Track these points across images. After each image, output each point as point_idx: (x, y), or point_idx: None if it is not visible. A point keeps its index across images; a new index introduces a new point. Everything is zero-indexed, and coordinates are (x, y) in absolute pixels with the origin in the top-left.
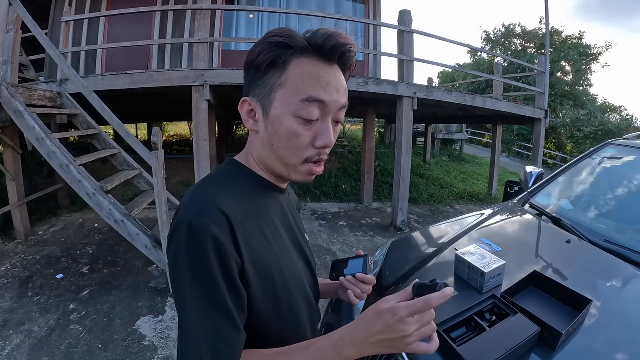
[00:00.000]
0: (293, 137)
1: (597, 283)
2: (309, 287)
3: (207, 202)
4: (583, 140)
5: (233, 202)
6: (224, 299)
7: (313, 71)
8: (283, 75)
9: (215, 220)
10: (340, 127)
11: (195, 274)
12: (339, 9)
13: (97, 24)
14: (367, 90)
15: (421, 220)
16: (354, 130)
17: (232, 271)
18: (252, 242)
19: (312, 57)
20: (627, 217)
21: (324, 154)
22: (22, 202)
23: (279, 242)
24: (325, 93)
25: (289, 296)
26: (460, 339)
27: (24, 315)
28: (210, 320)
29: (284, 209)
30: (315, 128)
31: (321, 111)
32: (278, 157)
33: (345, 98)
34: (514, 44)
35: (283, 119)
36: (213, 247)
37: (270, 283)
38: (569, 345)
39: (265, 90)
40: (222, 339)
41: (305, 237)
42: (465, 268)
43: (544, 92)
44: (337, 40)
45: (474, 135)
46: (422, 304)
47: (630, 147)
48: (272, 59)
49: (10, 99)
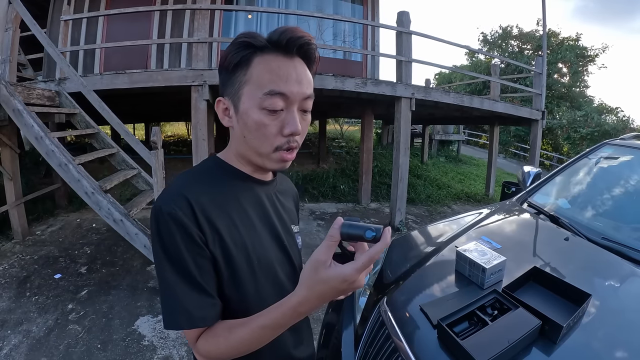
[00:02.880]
0: (261, 128)
1: (596, 278)
2: (284, 274)
3: (174, 190)
4: (579, 141)
5: (201, 191)
6: (190, 270)
7: (273, 65)
8: (247, 73)
9: (179, 205)
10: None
11: (165, 249)
12: (337, 9)
13: (96, 23)
14: (365, 90)
15: (419, 221)
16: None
17: (196, 246)
18: (217, 226)
19: (272, 53)
20: (624, 216)
21: (293, 141)
22: (20, 201)
23: (248, 229)
24: (285, 85)
25: (254, 279)
26: (463, 333)
27: (22, 315)
28: (180, 288)
29: (261, 199)
30: (281, 118)
31: (284, 102)
32: (251, 148)
33: (310, 89)
34: (510, 45)
35: (250, 112)
36: (176, 226)
37: (234, 264)
38: (570, 338)
39: (234, 88)
40: (192, 304)
41: (291, 228)
42: (466, 264)
43: (540, 93)
44: (292, 34)
45: (470, 137)
46: (368, 262)
47: (627, 147)
48: (237, 59)
49: (9, 98)
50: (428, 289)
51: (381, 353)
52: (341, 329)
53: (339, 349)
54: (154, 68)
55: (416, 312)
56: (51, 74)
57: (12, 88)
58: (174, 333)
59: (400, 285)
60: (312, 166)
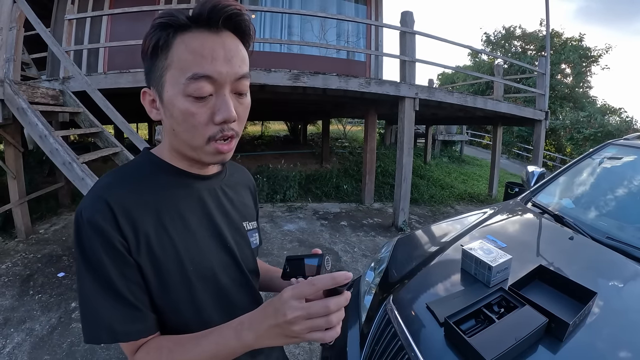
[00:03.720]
0: (188, 117)
1: (601, 277)
2: (229, 278)
3: (95, 194)
4: (583, 142)
5: (125, 192)
6: (112, 281)
7: (196, 44)
8: (169, 56)
9: (98, 209)
10: (248, 98)
11: (85, 258)
12: (341, 9)
13: (100, 23)
14: (369, 90)
15: (422, 221)
16: (355, 131)
17: (118, 254)
18: (142, 230)
19: (195, 30)
20: (628, 215)
21: (227, 129)
22: (23, 200)
23: (180, 231)
24: (211, 65)
25: (188, 287)
26: (470, 330)
27: (25, 314)
28: (101, 300)
29: (201, 196)
30: (210, 104)
31: (212, 85)
32: (183, 141)
33: (244, 67)
34: (514, 45)
35: (175, 100)
36: (95, 233)
37: (162, 272)
38: (576, 336)
39: (156, 75)
40: (115, 317)
41: (242, 226)
42: (472, 263)
43: (544, 93)
44: (215, 4)
45: (473, 137)
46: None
47: (631, 147)
48: (154, 41)
49: (13, 96)
50: (434, 287)
51: (387, 351)
52: (346, 328)
53: (344, 348)
54: None
55: (423, 310)
56: (55, 73)
57: (17, 87)
58: None
59: (406, 283)
60: (315, 166)
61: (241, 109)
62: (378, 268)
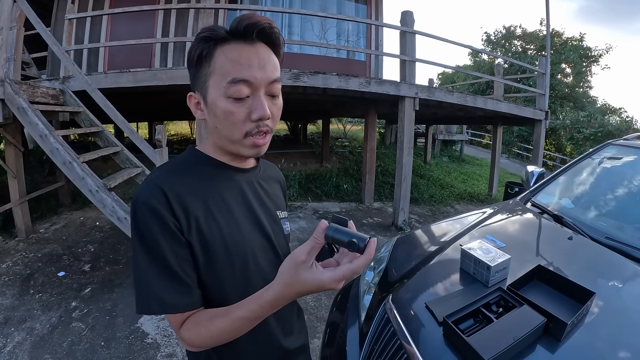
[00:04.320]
0: (229, 116)
1: (600, 277)
2: (266, 260)
3: (151, 181)
4: (583, 141)
5: (176, 181)
6: (165, 257)
7: (234, 54)
8: (211, 64)
9: (154, 195)
10: (280, 100)
11: (141, 237)
12: (341, 9)
13: (100, 22)
14: (369, 90)
15: (422, 220)
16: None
17: (172, 234)
18: (192, 213)
19: (233, 42)
20: (628, 215)
21: (263, 125)
22: (23, 199)
23: (225, 215)
24: (247, 71)
25: (231, 265)
26: (469, 330)
27: (26, 313)
28: (154, 275)
29: (241, 186)
30: (248, 104)
31: (249, 88)
32: (224, 137)
33: (275, 73)
34: (514, 45)
35: (217, 101)
36: (152, 216)
37: (209, 250)
38: (574, 336)
39: (201, 81)
40: (166, 290)
41: (276, 214)
42: (471, 262)
43: (544, 93)
44: (249, 21)
45: (473, 137)
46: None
47: (630, 147)
48: (199, 52)
49: (14, 96)
50: (433, 286)
51: (387, 350)
52: (346, 327)
53: (343, 347)
54: (158, 67)
55: (421, 309)
56: (55, 72)
57: (17, 86)
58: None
59: (405, 283)
60: (315, 165)
61: (274, 109)
62: (377, 267)
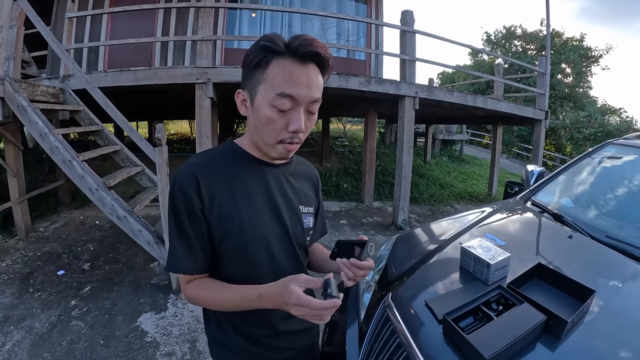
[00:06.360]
0: (270, 123)
1: (600, 275)
2: (279, 247)
3: (188, 167)
4: (583, 141)
5: (208, 168)
6: (186, 229)
7: (287, 70)
8: (265, 73)
9: (187, 177)
10: (315, 116)
11: (173, 210)
12: (341, 8)
13: (100, 21)
14: (369, 89)
15: (422, 220)
16: (355, 130)
17: (194, 212)
18: (217, 198)
19: (289, 58)
20: (628, 214)
21: (295, 137)
22: (23, 198)
23: (246, 202)
24: (295, 89)
25: (244, 244)
26: (469, 328)
27: (25, 311)
28: (176, 242)
29: (267, 179)
30: (288, 116)
31: (292, 103)
32: (261, 138)
33: (318, 93)
34: (514, 45)
35: (263, 107)
36: (182, 195)
37: (227, 229)
38: (574, 334)
39: (252, 83)
40: (181, 256)
41: (297, 207)
42: (471, 260)
43: (544, 93)
44: (309, 48)
45: (473, 136)
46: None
47: (630, 146)
48: (258, 59)
49: (14, 94)
50: (433, 285)
51: (386, 348)
52: (345, 325)
53: (343, 345)
54: (158, 66)
55: (421, 307)
56: (55, 71)
57: (17, 85)
58: (176, 330)
59: (405, 281)
60: (315, 165)
61: (309, 123)
62: (377, 266)
